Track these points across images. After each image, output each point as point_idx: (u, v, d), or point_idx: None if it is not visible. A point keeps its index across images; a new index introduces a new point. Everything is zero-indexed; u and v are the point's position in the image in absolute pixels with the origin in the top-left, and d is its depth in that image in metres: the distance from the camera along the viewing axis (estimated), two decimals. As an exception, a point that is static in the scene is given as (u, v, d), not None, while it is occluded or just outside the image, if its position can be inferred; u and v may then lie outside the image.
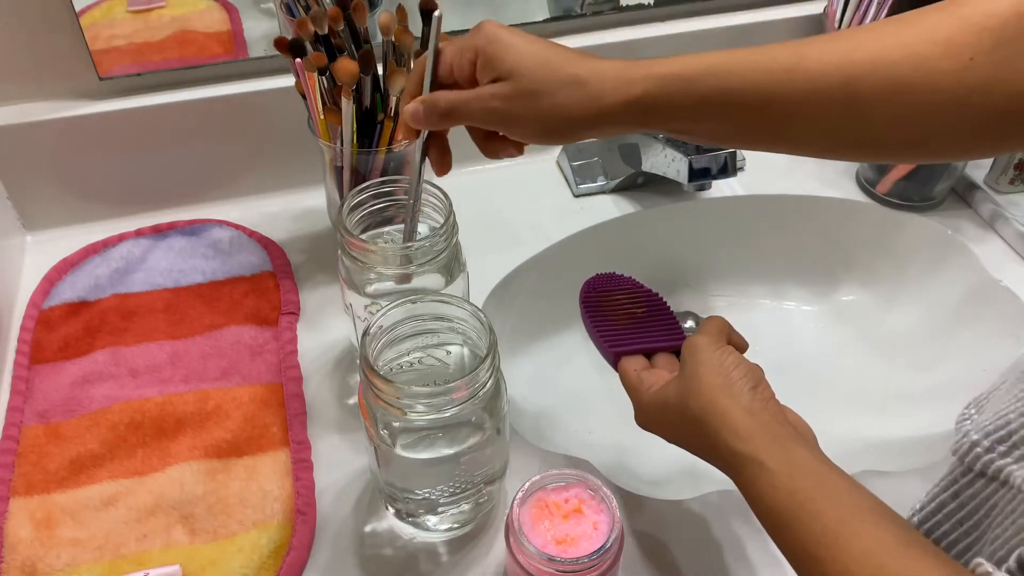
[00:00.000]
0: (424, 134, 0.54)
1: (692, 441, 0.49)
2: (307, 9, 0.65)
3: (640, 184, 0.86)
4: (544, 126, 0.48)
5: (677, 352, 0.53)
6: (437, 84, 0.52)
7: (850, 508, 0.40)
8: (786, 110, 0.45)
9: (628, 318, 0.58)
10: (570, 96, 0.47)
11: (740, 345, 0.52)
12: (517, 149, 0.53)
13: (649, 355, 0.56)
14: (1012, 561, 0.35)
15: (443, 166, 0.56)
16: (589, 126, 0.48)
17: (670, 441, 0.51)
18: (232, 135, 0.79)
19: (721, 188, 0.85)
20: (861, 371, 0.79)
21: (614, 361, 0.56)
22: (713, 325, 0.52)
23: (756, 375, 0.48)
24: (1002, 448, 0.42)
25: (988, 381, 0.73)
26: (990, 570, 0.35)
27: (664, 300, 0.59)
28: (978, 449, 0.43)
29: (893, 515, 0.40)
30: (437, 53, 0.52)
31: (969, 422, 0.46)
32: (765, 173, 0.87)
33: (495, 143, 0.53)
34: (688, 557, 0.58)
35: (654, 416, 0.51)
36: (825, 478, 0.42)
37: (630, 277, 0.61)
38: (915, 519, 0.48)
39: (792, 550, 0.41)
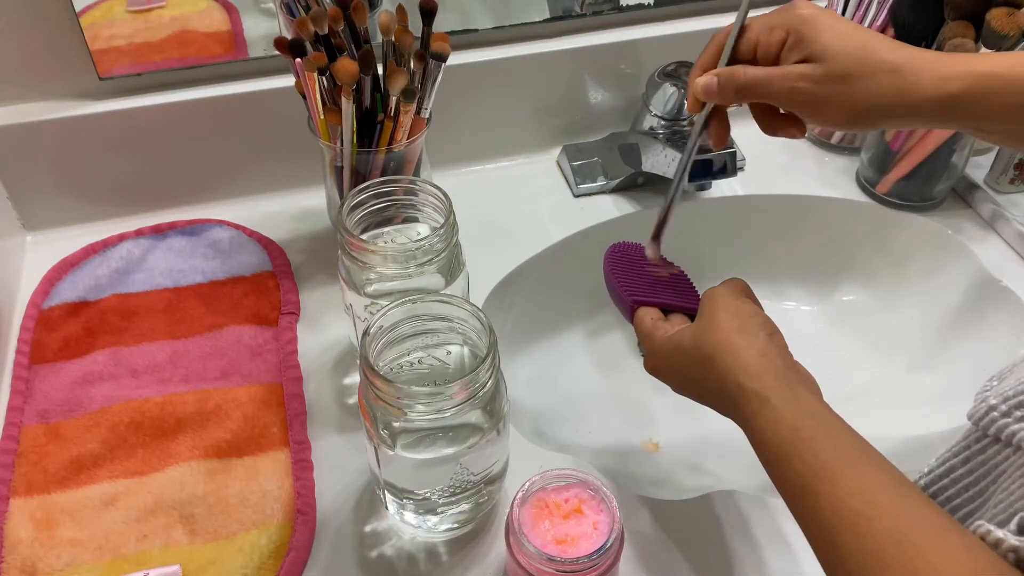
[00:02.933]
0: (708, 108, 0.53)
1: (699, 380, 0.49)
2: (307, 9, 0.65)
3: (640, 184, 0.86)
4: (851, 113, 0.47)
5: (692, 316, 0.54)
6: (734, 59, 0.51)
7: (849, 449, 0.41)
8: None
9: (649, 276, 0.59)
10: (883, 84, 0.46)
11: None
12: (800, 130, 0.52)
13: (665, 313, 0.56)
14: (1013, 524, 0.36)
15: (723, 140, 0.54)
16: (897, 116, 0.47)
17: (675, 386, 0.52)
18: (232, 135, 0.79)
19: (721, 188, 0.85)
20: (861, 371, 0.79)
21: (631, 309, 0.56)
22: (734, 281, 0.53)
23: (772, 326, 0.49)
24: (1019, 413, 0.42)
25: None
26: (991, 529, 0.35)
27: (686, 274, 0.60)
28: (994, 413, 0.43)
29: (892, 465, 0.41)
30: (743, 28, 0.51)
31: (989, 391, 0.46)
32: (765, 173, 0.87)
33: (780, 121, 0.52)
34: (688, 557, 0.58)
35: (664, 359, 0.52)
36: (829, 420, 0.43)
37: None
38: (921, 482, 0.48)
39: (787, 484, 0.42)
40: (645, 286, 0.58)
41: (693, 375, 0.50)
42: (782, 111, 0.52)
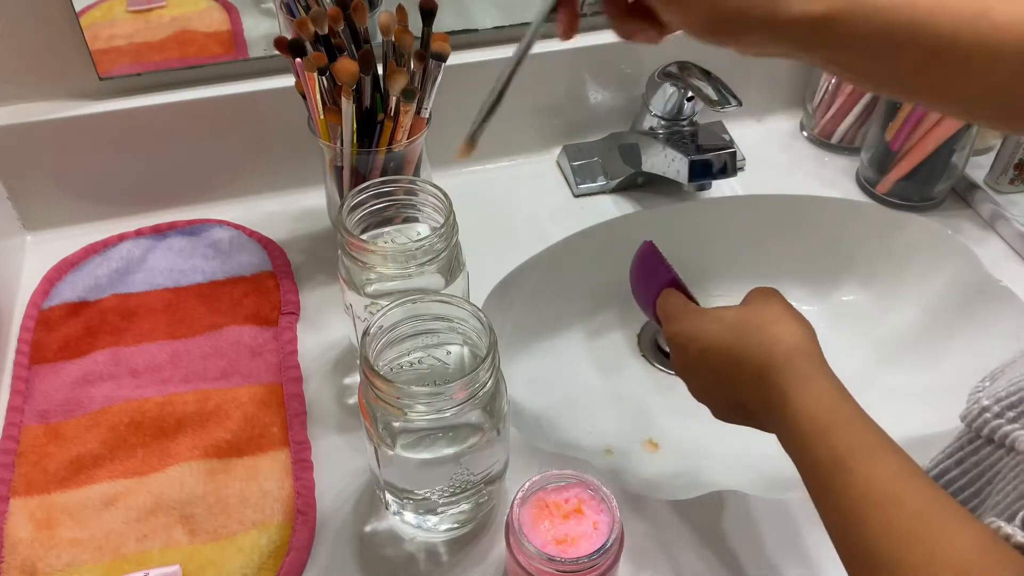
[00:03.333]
0: None
1: (737, 352, 0.49)
2: (307, 9, 0.65)
3: (640, 184, 0.86)
4: (713, 16, 0.43)
5: None
6: None
7: (883, 436, 0.41)
8: (963, 57, 0.42)
9: (664, 281, 0.59)
10: None
11: None
12: (658, 34, 0.48)
13: None
14: (1019, 520, 0.36)
15: (571, 32, 0.50)
16: (760, 31, 0.43)
17: (698, 358, 0.51)
18: (232, 135, 0.79)
19: (721, 188, 0.85)
20: (861, 371, 0.79)
21: (663, 286, 0.57)
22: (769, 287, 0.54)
23: (809, 326, 0.50)
24: (1011, 414, 0.42)
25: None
26: (1001, 525, 0.35)
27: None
28: (987, 414, 0.43)
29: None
30: None
31: (981, 392, 0.46)
32: (765, 173, 0.87)
33: (635, 22, 0.48)
34: (688, 557, 0.58)
35: (695, 324, 0.52)
36: (863, 410, 0.44)
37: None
38: None
39: (821, 460, 0.42)
40: (676, 279, 0.58)
41: (729, 348, 0.49)
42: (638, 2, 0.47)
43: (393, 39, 0.65)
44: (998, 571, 0.34)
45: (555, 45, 0.83)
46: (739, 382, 0.48)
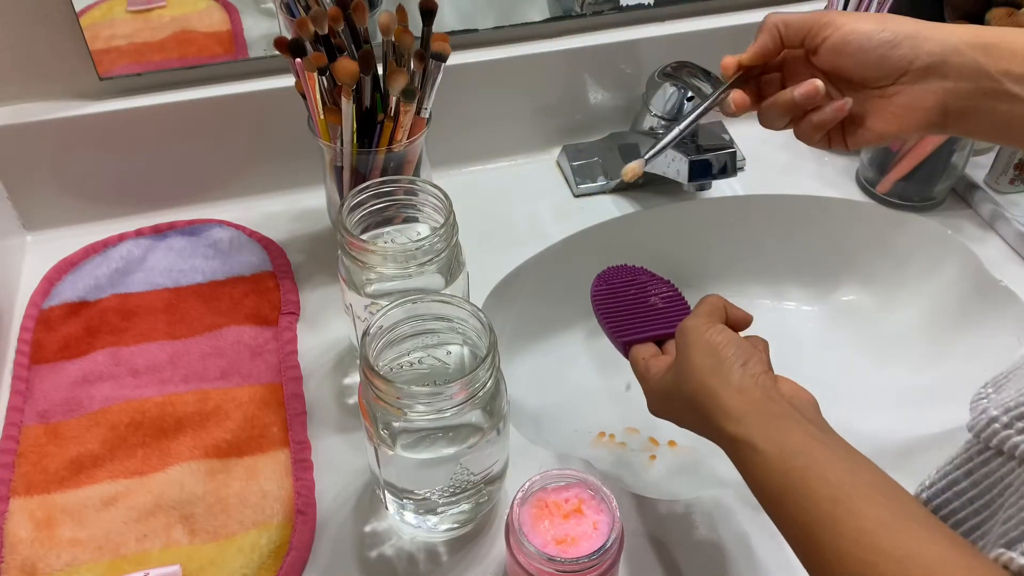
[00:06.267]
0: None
1: (694, 423, 0.49)
2: (307, 9, 0.65)
3: (640, 184, 0.86)
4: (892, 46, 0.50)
5: None
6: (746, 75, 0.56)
7: (844, 487, 0.40)
8: None
9: (639, 307, 0.58)
10: (923, 44, 0.49)
11: (741, 320, 0.52)
12: (863, 138, 0.54)
13: (660, 342, 0.56)
14: None
15: (742, 110, 0.56)
16: (930, 55, 0.49)
17: (680, 426, 0.51)
18: (232, 135, 0.79)
19: (721, 188, 0.85)
20: (861, 371, 0.79)
21: (624, 350, 0.56)
22: (706, 305, 0.52)
23: (746, 351, 0.48)
24: (1021, 424, 0.41)
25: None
26: (1013, 556, 0.35)
27: (676, 288, 0.59)
28: (996, 425, 0.42)
29: (892, 489, 0.40)
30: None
31: (986, 400, 0.45)
32: (765, 173, 0.87)
33: (840, 129, 0.54)
34: (688, 557, 0.58)
35: (660, 403, 0.52)
36: (818, 456, 0.42)
37: (642, 267, 0.61)
38: (923, 495, 0.47)
39: (789, 531, 0.41)
40: (635, 320, 0.57)
41: (687, 418, 0.50)
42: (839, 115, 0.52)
43: (393, 39, 0.65)
44: None
45: (556, 45, 0.84)
46: (716, 443, 0.48)
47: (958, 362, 0.75)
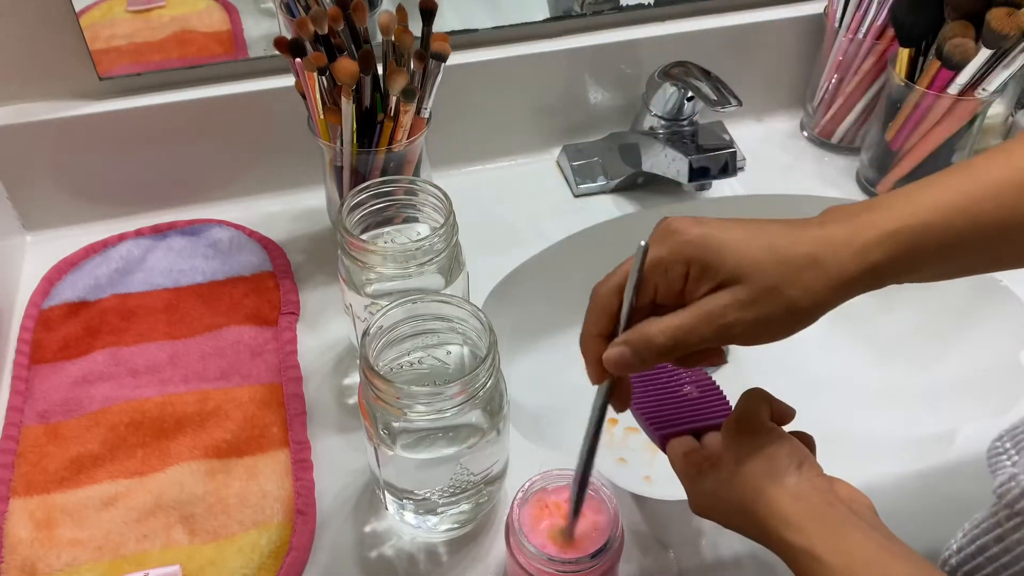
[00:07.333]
0: (609, 380, 0.47)
1: (746, 529, 0.46)
2: (307, 9, 0.65)
3: (640, 184, 0.86)
4: (791, 319, 0.43)
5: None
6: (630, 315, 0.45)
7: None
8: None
9: (673, 397, 0.55)
10: (812, 279, 0.42)
11: (785, 414, 0.49)
12: (721, 357, 0.47)
13: (699, 434, 0.53)
14: None
15: (627, 403, 0.49)
16: (832, 303, 0.43)
17: (726, 527, 0.48)
18: (232, 135, 0.79)
19: (721, 188, 0.85)
20: (861, 371, 0.79)
21: (661, 444, 0.53)
22: (751, 402, 0.48)
23: (800, 452, 0.45)
24: None
25: (988, 381, 0.73)
26: None
27: (710, 377, 0.56)
28: None
29: None
30: (640, 282, 0.45)
31: (1006, 458, 0.44)
32: (765, 173, 0.87)
33: (699, 355, 0.46)
34: (688, 557, 0.58)
35: (705, 504, 0.48)
36: (885, 565, 0.40)
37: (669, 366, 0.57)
38: (952, 561, 0.46)
39: None
40: (671, 411, 0.54)
41: (738, 523, 0.46)
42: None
43: (393, 39, 0.65)
44: None
45: (556, 45, 0.84)
46: (764, 545, 0.45)
47: (958, 362, 0.75)
